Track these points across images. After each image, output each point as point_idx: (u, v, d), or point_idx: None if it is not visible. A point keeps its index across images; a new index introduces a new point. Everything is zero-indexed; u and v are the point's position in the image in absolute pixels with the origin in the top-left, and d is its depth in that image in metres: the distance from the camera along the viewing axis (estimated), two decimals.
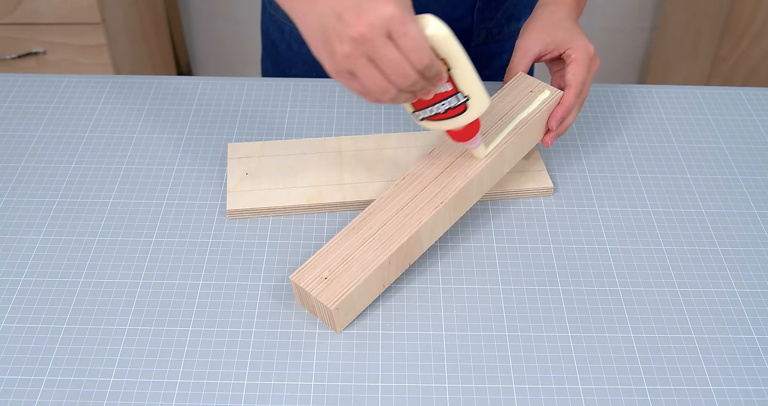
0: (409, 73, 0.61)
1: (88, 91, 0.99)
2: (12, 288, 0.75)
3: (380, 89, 0.63)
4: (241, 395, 0.67)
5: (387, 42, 0.60)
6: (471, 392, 0.67)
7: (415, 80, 0.62)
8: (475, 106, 0.71)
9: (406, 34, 0.59)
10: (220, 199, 0.85)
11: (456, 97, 0.70)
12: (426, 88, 0.66)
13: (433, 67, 0.63)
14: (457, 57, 0.66)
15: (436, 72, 0.64)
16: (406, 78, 0.62)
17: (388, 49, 0.60)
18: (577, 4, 0.88)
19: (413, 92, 0.66)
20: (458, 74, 0.68)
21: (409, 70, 0.61)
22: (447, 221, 0.77)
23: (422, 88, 0.65)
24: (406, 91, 0.64)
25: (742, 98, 1.01)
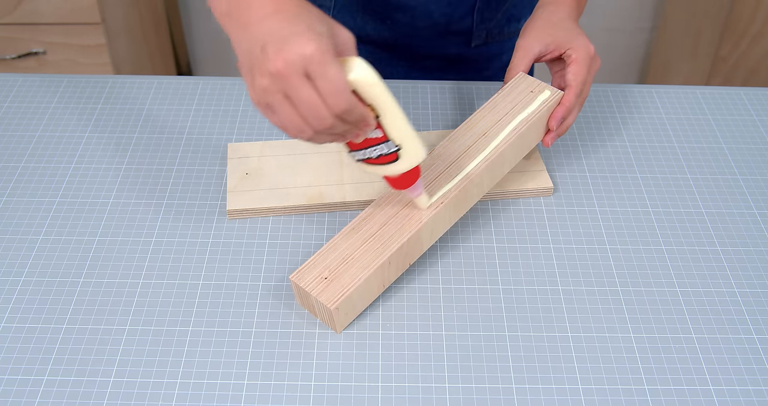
0: (324, 115, 0.59)
1: (88, 91, 0.99)
2: (12, 288, 0.75)
3: (296, 128, 0.61)
4: (241, 395, 0.67)
5: (304, 81, 0.58)
6: (471, 392, 0.67)
7: (332, 124, 0.60)
8: (408, 156, 0.68)
9: (324, 75, 0.57)
10: (220, 199, 0.85)
11: (387, 145, 0.67)
12: (351, 132, 0.63)
13: (353, 113, 0.60)
14: (385, 105, 0.63)
15: (357, 117, 0.61)
16: (321, 120, 0.59)
17: (304, 88, 0.58)
18: (578, 4, 0.88)
19: (336, 134, 0.63)
20: (387, 122, 0.65)
21: (324, 112, 0.59)
22: (447, 221, 0.77)
23: (346, 131, 0.62)
24: (325, 133, 0.61)
25: (742, 98, 1.01)
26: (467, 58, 1.09)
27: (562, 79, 0.84)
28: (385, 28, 1.03)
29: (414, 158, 0.68)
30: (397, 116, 0.65)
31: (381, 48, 1.06)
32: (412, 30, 1.03)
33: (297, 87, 0.58)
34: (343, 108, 0.59)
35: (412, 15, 1.01)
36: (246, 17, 0.61)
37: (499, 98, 0.82)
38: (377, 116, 0.64)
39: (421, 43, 1.05)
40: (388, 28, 1.03)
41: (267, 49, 0.58)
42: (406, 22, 1.02)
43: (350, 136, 0.64)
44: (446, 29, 1.04)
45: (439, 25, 1.03)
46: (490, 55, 1.10)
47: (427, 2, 1.00)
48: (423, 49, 1.06)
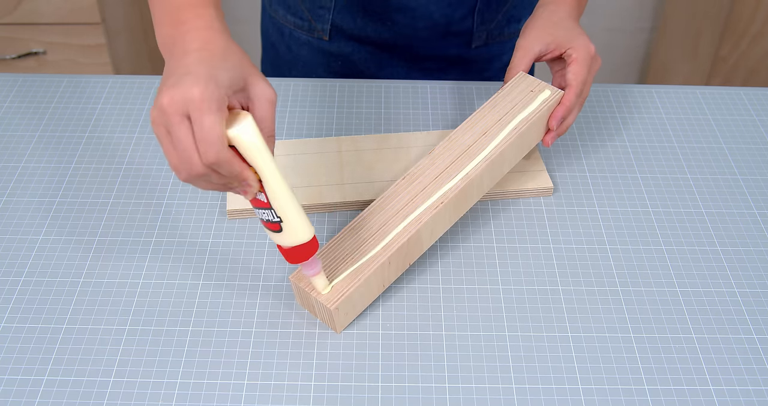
0: (195, 161, 0.58)
1: (88, 91, 0.99)
2: (12, 288, 0.75)
3: (172, 164, 0.60)
4: (241, 395, 0.67)
5: (183, 122, 0.58)
6: (471, 392, 0.67)
7: (204, 172, 0.59)
8: (290, 233, 0.64)
9: (200, 122, 0.57)
10: (220, 199, 0.85)
11: (271, 212, 0.64)
12: (232, 185, 0.62)
13: (224, 167, 0.59)
14: (264, 172, 0.61)
15: (231, 173, 0.60)
16: (192, 166, 0.59)
17: (182, 129, 0.58)
18: (578, 4, 0.88)
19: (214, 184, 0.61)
20: (267, 191, 0.62)
21: (195, 158, 0.58)
22: (447, 221, 0.77)
23: (225, 183, 0.61)
24: (201, 179, 0.60)
25: (742, 98, 1.01)
26: (467, 59, 1.09)
27: (562, 78, 0.84)
28: (386, 29, 1.03)
29: (295, 237, 0.64)
30: (277, 187, 0.62)
31: (381, 49, 1.06)
32: (412, 31, 1.03)
33: (176, 125, 0.58)
34: (212, 159, 0.58)
35: (413, 16, 1.01)
36: (174, 49, 0.62)
37: (499, 98, 0.82)
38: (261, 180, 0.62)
39: (421, 44, 1.05)
40: (389, 29, 1.03)
41: (165, 83, 0.59)
42: (407, 23, 1.02)
43: (235, 191, 0.62)
44: (446, 30, 1.04)
45: (439, 26, 1.03)
46: (490, 56, 1.10)
47: (427, 3, 1.00)
48: (423, 50, 1.06)
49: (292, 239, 0.65)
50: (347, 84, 1.01)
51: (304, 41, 1.07)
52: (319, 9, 1.03)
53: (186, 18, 0.63)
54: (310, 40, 1.07)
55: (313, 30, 1.05)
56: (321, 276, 0.68)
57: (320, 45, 1.07)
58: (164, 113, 0.58)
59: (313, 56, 1.08)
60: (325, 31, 1.05)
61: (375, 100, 0.98)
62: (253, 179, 0.61)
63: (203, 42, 0.62)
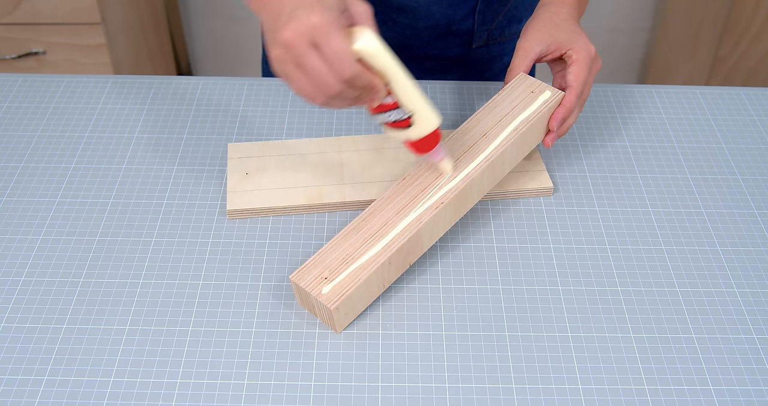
0: (331, 82, 0.63)
1: (88, 91, 0.99)
2: (12, 288, 0.75)
3: (309, 94, 0.64)
4: (241, 395, 0.67)
5: (311, 50, 0.62)
6: (471, 392, 0.67)
7: (341, 89, 0.64)
8: (421, 123, 0.71)
9: (328, 44, 0.61)
10: (220, 199, 0.85)
11: (400, 111, 0.70)
12: (363, 97, 0.67)
13: (359, 79, 0.63)
14: (392, 73, 0.67)
15: (365, 84, 0.65)
16: (328, 87, 0.63)
17: (311, 57, 0.62)
18: (579, 5, 0.88)
19: (348, 99, 0.66)
20: (396, 90, 0.68)
21: (331, 79, 0.63)
22: (447, 222, 0.77)
23: (357, 97, 0.66)
24: (337, 98, 0.65)
25: (742, 98, 1.01)
26: (468, 59, 1.09)
27: (562, 79, 0.84)
28: (386, 30, 1.03)
29: (426, 126, 0.71)
30: (405, 84, 0.68)
31: None
32: (413, 31, 1.03)
33: (305, 56, 0.62)
34: (348, 75, 0.62)
35: (414, 16, 1.01)
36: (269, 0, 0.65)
37: (500, 98, 0.82)
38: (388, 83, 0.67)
39: (422, 45, 1.05)
40: (389, 30, 1.03)
41: (279, 22, 0.63)
42: (407, 24, 1.02)
43: (364, 102, 0.68)
44: (447, 30, 1.04)
45: (440, 27, 1.03)
46: (491, 57, 1.10)
47: (428, 3, 1.00)
48: (424, 51, 1.06)
49: (423, 128, 0.71)
50: None
51: None
52: None
53: None
54: None
55: None
56: (448, 159, 0.76)
57: None
58: (290, 48, 0.62)
59: None
60: None
61: None
62: (381, 85, 0.67)
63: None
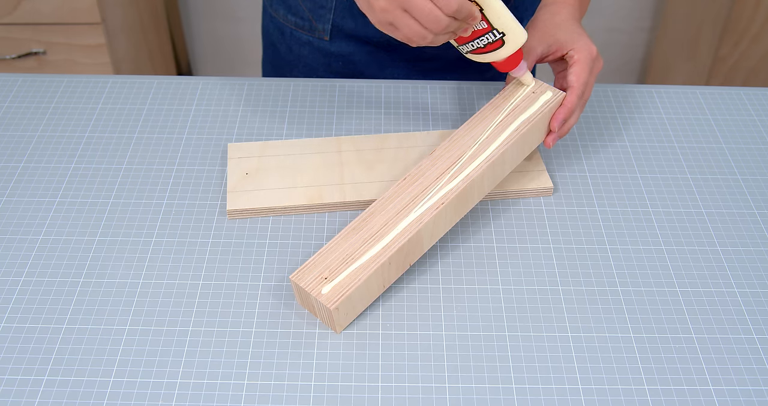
0: (440, 18, 0.68)
1: (88, 91, 0.99)
2: (12, 288, 0.75)
3: (419, 36, 0.70)
4: (241, 395, 0.67)
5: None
6: (471, 392, 0.67)
7: (448, 23, 0.69)
8: (512, 40, 0.77)
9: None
10: (220, 199, 0.85)
11: (492, 34, 0.76)
12: (462, 27, 0.72)
13: (463, 10, 0.69)
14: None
15: (467, 13, 0.70)
16: (438, 23, 0.69)
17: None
18: (580, 5, 0.88)
19: (450, 33, 0.72)
20: (490, 14, 0.74)
21: (440, 15, 0.68)
22: (448, 222, 0.76)
23: (458, 28, 0.72)
24: (442, 33, 0.71)
25: (742, 98, 1.01)
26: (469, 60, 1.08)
27: (564, 80, 0.84)
28: None
29: (517, 41, 0.77)
30: (498, 7, 0.74)
31: (382, 50, 1.06)
32: None
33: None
34: (454, 8, 0.68)
35: None
36: None
37: (501, 99, 0.82)
38: (481, 10, 0.74)
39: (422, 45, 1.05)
40: None
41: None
42: None
43: (461, 32, 0.74)
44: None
45: None
46: None
47: None
48: (424, 51, 1.06)
49: (515, 43, 0.77)
50: (347, 84, 1.01)
51: (305, 41, 1.07)
52: (319, 9, 1.03)
53: None
54: (310, 40, 1.07)
55: (314, 30, 1.05)
56: (528, 72, 0.82)
57: (321, 45, 1.07)
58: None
59: (313, 56, 1.08)
60: (326, 31, 1.05)
61: (375, 100, 0.98)
62: (478, 11, 0.73)
63: None
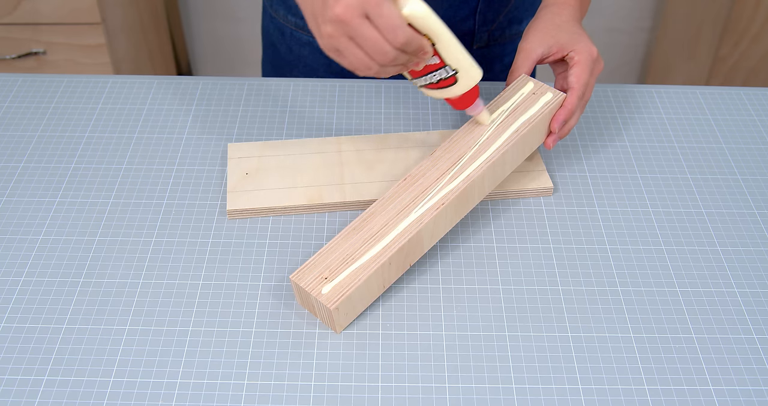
0: (387, 50, 0.65)
1: (88, 91, 0.99)
2: (12, 288, 0.75)
3: (364, 65, 0.67)
4: (241, 395, 0.67)
5: (364, 22, 0.64)
6: (471, 392, 0.67)
7: (395, 56, 0.66)
8: (465, 78, 0.75)
9: (381, 14, 0.63)
10: (220, 199, 0.85)
11: (445, 70, 0.73)
12: (412, 61, 0.69)
13: (412, 43, 0.66)
14: (439, 34, 0.70)
15: (416, 47, 0.67)
16: (384, 55, 0.65)
17: (365, 28, 0.64)
18: (581, 6, 0.87)
19: (399, 65, 0.69)
20: (442, 49, 0.71)
21: (386, 47, 0.65)
22: (448, 223, 0.76)
23: (408, 61, 0.69)
24: (390, 65, 0.68)
25: (742, 98, 1.01)
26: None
27: (564, 81, 0.84)
28: None
29: (471, 80, 0.75)
30: (451, 44, 0.71)
31: None
32: None
33: (358, 28, 0.64)
34: (402, 41, 0.65)
35: None
36: None
37: (501, 100, 0.82)
38: (433, 44, 0.71)
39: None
40: None
41: (324, 4, 0.64)
42: None
43: (412, 66, 0.71)
44: None
45: None
46: (491, 58, 1.09)
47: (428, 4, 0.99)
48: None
49: (468, 82, 0.75)
50: (347, 84, 1.01)
51: (305, 41, 1.07)
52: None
53: None
54: (311, 41, 1.07)
55: None
56: (485, 111, 0.80)
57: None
58: (343, 22, 0.64)
59: (314, 57, 1.08)
60: None
61: (375, 100, 0.98)
62: (429, 46, 0.70)
63: None
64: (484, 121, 0.80)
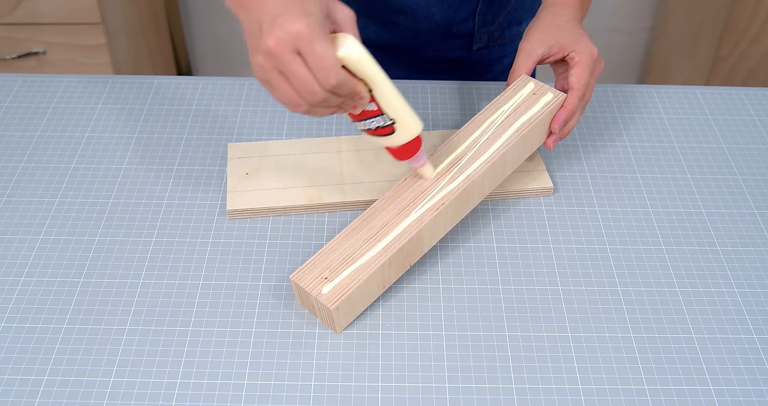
0: (316, 90, 0.62)
1: (88, 91, 0.99)
2: (12, 288, 0.75)
3: (293, 102, 0.63)
4: (241, 395, 0.67)
5: (295, 58, 0.60)
6: (471, 392, 0.67)
7: (325, 97, 0.63)
8: (402, 129, 0.70)
9: (313, 52, 0.60)
10: (220, 199, 0.85)
11: (383, 118, 0.69)
12: (347, 104, 0.66)
13: (344, 87, 0.63)
14: (375, 80, 0.66)
15: (349, 91, 0.64)
16: (314, 95, 0.62)
17: (295, 65, 0.61)
18: (581, 6, 0.87)
19: (332, 107, 0.65)
20: (379, 96, 0.67)
21: (316, 87, 0.62)
22: (448, 223, 0.76)
23: (341, 103, 0.65)
24: (320, 106, 0.64)
25: (742, 98, 1.01)
26: (469, 61, 1.09)
27: (565, 81, 0.83)
28: (386, 31, 1.03)
29: (408, 133, 0.71)
30: (388, 92, 0.67)
31: (382, 51, 1.06)
32: (413, 33, 1.03)
33: (289, 63, 0.61)
34: (332, 83, 0.61)
35: (414, 18, 1.01)
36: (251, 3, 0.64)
37: (502, 100, 0.82)
38: (371, 90, 0.67)
39: (422, 47, 1.05)
40: (389, 32, 1.03)
41: (262, 29, 0.61)
42: (408, 26, 1.02)
43: (348, 109, 0.67)
44: (447, 32, 1.04)
45: (440, 28, 1.03)
46: (491, 58, 1.10)
47: (428, 5, 1.00)
48: (424, 53, 1.06)
49: (405, 135, 0.71)
50: None
51: None
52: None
53: None
54: None
55: None
56: (429, 164, 0.75)
57: None
58: (273, 55, 0.61)
59: None
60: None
61: None
62: (365, 91, 0.66)
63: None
64: (427, 175, 0.75)
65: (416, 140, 0.72)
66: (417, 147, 0.73)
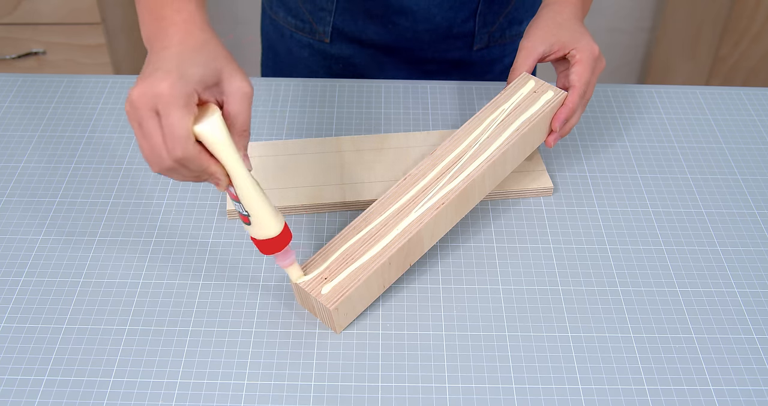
0: (164, 155, 0.59)
1: (88, 91, 0.99)
2: (12, 288, 0.75)
3: (145, 156, 0.61)
4: (241, 395, 0.67)
5: (153, 117, 0.59)
6: (471, 392, 0.67)
7: (171, 166, 0.60)
8: (257, 226, 0.65)
9: (167, 117, 0.58)
10: (220, 199, 0.85)
11: (241, 206, 0.65)
12: (202, 179, 0.62)
13: (193, 163, 0.60)
14: (230, 168, 0.61)
15: (200, 169, 0.60)
16: (161, 161, 0.60)
17: (151, 124, 0.59)
18: (583, 4, 0.87)
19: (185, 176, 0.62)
20: (236, 185, 0.63)
21: (163, 153, 0.59)
22: (448, 223, 0.76)
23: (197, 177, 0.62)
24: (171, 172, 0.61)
25: (742, 98, 1.01)
26: (469, 61, 1.08)
27: (566, 79, 0.83)
28: (387, 32, 1.03)
29: (263, 231, 0.66)
30: (243, 184, 0.63)
31: (382, 52, 1.06)
32: (413, 34, 1.03)
33: (145, 120, 0.59)
34: (179, 155, 0.59)
35: (414, 19, 1.01)
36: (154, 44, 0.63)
37: (502, 98, 0.82)
38: None
39: (422, 47, 1.05)
40: (390, 32, 1.03)
41: (141, 74, 0.60)
42: (408, 26, 1.02)
43: (212, 182, 0.63)
44: (448, 33, 1.04)
45: (440, 29, 1.03)
46: (492, 59, 1.09)
47: (428, 6, 1.00)
48: (425, 53, 1.06)
49: (261, 232, 0.66)
50: (347, 84, 1.01)
51: (305, 43, 1.07)
52: (319, 11, 1.03)
53: (166, 13, 0.64)
54: (311, 43, 1.07)
55: (314, 32, 1.05)
56: (295, 267, 0.70)
57: (321, 47, 1.07)
58: (134, 107, 0.59)
59: (314, 58, 1.08)
60: (326, 33, 1.05)
61: (375, 100, 0.98)
62: (222, 174, 0.62)
63: (181, 36, 0.62)
64: (292, 278, 0.70)
65: (281, 239, 0.67)
66: (281, 246, 0.67)
